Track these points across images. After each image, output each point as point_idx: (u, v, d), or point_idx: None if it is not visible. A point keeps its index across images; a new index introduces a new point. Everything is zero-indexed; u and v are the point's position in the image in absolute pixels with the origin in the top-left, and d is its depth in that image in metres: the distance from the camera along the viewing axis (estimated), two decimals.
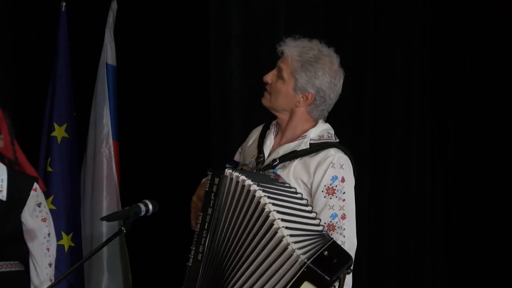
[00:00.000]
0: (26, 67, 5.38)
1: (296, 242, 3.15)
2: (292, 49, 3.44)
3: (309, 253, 3.14)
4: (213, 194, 3.29)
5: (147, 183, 5.11)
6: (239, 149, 3.70)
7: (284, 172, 3.39)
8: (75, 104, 5.16)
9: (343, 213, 3.34)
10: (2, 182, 4.00)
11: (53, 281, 4.10)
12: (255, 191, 3.20)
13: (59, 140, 5.08)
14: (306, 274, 3.13)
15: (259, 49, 4.75)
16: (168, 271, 5.13)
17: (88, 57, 5.28)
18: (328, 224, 3.32)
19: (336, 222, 3.33)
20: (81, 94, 5.24)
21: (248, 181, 3.22)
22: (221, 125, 4.81)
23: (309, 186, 3.37)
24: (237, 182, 3.25)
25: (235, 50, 4.78)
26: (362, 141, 5.11)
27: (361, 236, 3.61)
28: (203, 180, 3.61)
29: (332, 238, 3.24)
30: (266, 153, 3.47)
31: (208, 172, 3.35)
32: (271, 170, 3.41)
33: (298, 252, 3.13)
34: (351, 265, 3.23)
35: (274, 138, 3.50)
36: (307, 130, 3.45)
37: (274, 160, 3.41)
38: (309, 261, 3.12)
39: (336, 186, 3.35)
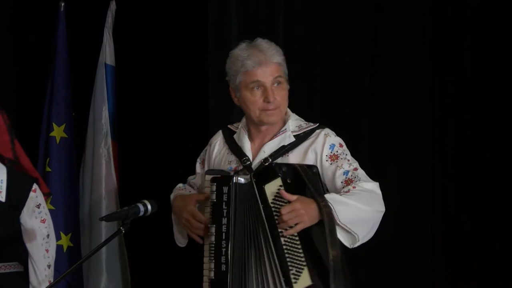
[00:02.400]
0: (25, 67, 5.38)
1: None
2: (276, 55, 3.49)
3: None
4: (224, 203, 3.31)
5: (146, 183, 5.11)
6: (198, 160, 3.70)
7: None
8: (74, 104, 5.16)
9: (354, 167, 3.40)
10: (1, 183, 3.99)
11: (52, 282, 4.09)
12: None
13: (57, 140, 5.08)
14: (258, 181, 3.26)
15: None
16: (166, 271, 5.13)
17: (87, 57, 5.28)
18: (345, 180, 3.36)
19: (351, 175, 3.37)
20: (79, 94, 5.24)
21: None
22: (220, 125, 4.79)
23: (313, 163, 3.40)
24: (250, 184, 3.30)
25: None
26: (362, 141, 5.10)
27: None
28: (175, 193, 3.62)
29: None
30: (249, 155, 3.48)
31: (212, 183, 3.35)
32: None
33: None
34: (314, 166, 3.31)
35: (250, 141, 3.50)
36: (282, 124, 3.49)
37: (266, 159, 3.41)
38: (252, 172, 3.30)
39: (337, 151, 3.41)
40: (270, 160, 3.40)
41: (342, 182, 3.36)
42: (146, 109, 5.25)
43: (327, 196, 3.27)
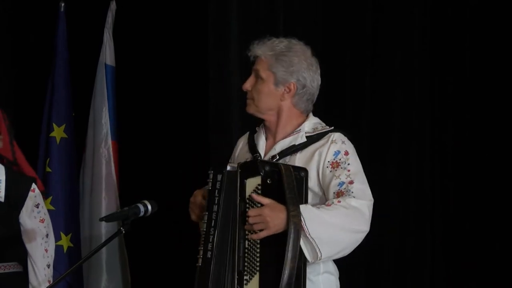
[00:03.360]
0: (25, 67, 5.38)
1: None
2: (263, 48, 3.46)
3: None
4: (216, 191, 3.30)
5: (146, 183, 5.11)
6: (229, 160, 3.69)
7: None
8: (74, 105, 5.16)
9: (350, 180, 3.32)
10: (0, 183, 3.99)
11: (51, 282, 4.09)
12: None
13: (58, 140, 5.08)
14: (242, 173, 3.22)
15: None
16: (167, 271, 5.13)
17: (87, 58, 5.28)
18: (337, 192, 3.31)
19: (344, 188, 3.30)
20: (80, 94, 5.24)
21: None
22: (220, 125, 4.80)
23: (316, 170, 3.37)
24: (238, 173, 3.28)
25: (233, 50, 4.78)
26: (361, 141, 5.10)
27: None
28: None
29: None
30: (261, 152, 3.47)
31: (209, 172, 3.35)
32: None
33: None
34: (303, 170, 3.25)
35: (266, 140, 3.50)
36: (299, 125, 3.46)
37: (274, 156, 3.41)
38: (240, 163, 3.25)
39: (340, 159, 3.36)
40: (278, 157, 3.40)
41: (334, 193, 3.31)
42: (146, 109, 5.25)
43: (302, 206, 3.20)
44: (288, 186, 3.19)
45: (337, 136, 3.41)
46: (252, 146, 3.51)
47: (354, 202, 3.27)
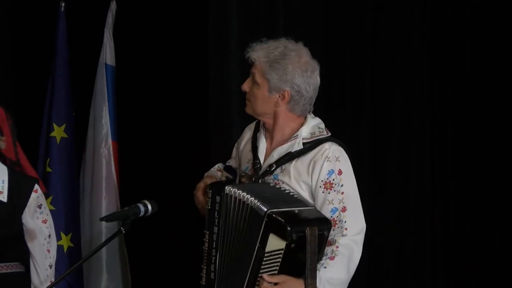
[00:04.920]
0: (25, 67, 5.38)
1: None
2: (259, 52, 3.45)
3: (275, 209, 3.19)
4: (216, 212, 3.31)
5: (146, 183, 5.11)
6: (236, 144, 3.71)
7: (285, 177, 3.39)
8: (74, 104, 5.16)
9: (343, 206, 3.35)
10: (3, 183, 3.99)
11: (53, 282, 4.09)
12: (252, 202, 3.23)
13: (58, 140, 5.08)
14: (268, 224, 3.16)
15: None
16: (167, 271, 5.13)
17: (87, 57, 5.28)
18: (330, 220, 3.32)
19: (337, 216, 3.33)
20: (80, 94, 5.24)
21: (246, 195, 3.25)
22: (220, 125, 4.80)
23: (310, 185, 3.37)
24: (236, 198, 3.27)
25: (233, 50, 4.78)
26: (361, 141, 5.10)
27: None
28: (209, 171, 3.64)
29: (314, 206, 3.29)
30: (261, 158, 3.47)
31: (208, 190, 3.36)
32: (272, 176, 3.41)
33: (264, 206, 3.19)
34: (327, 228, 3.24)
35: (266, 141, 3.51)
36: (296, 129, 3.45)
37: (271, 165, 3.42)
38: (270, 210, 3.16)
39: (333, 180, 3.35)
40: (275, 166, 3.41)
41: None
42: (146, 109, 5.25)
43: (320, 275, 3.25)
44: (310, 255, 3.21)
45: (332, 151, 3.39)
46: (254, 148, 3.51)
47: (349, 243, 3.33)
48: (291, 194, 3.34)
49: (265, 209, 3.18)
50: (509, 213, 5.09)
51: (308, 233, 3.18)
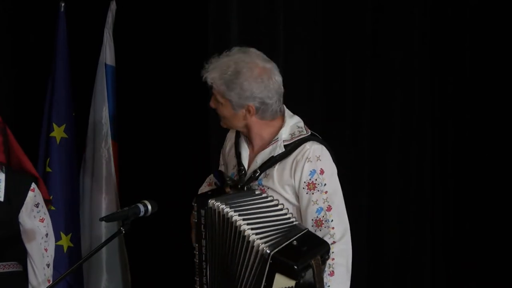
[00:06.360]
0: (25, 67, 5.37)
1: (268, 244, 3.19)
2: (213, 74, 3.49)
3: (277, 248, 3.18)
4: (202, 226, 3.33)
5: (146, 183, 5.11)
6: (221, 150, 3.74)
7: (269, 181, 3.43)
8: (74, 105, 5.15)
9: (328, 205, 3.38)
10: (0, 182, 3.99)
11: (51, 281, 4.09)
12: (236, 221, 3.24)
13: (58, 140, 5.07)
14: (273, 265, 3.15)
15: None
16: (167, 271, 5.13)
17: (87, 57, 5.28)
18: (316, 220, 3.36)
19: (323, 216, 3.36)
20: (80, 94, 5.23)
21: (229, 211, 3.26)
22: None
23: (293, 186, 3.39)
24: (220, 213, 3.28)
25: None
26: (361, 141, 5.10)
27: (360, 236, 3.61)
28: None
29: (306, 228, 3.29)
30: (245, 164, 3.50)
31: (193, 203, 3.37)
32: (256, 182, 3.44)
33: (264, 246, 3.18)
34: (327, 251, 3.25)
35: (248, 147, 3.52)
36: (275, 132, 3.48)
37: (255, 171, 3.44)
38: (273, 251, 3.15)
39: (316, 180, 3.38)
40: (259, 171, 3.42)
41: (312, 220, 3.37)
42: (146, 109, 5.25)
43: None
44: (319, 284, 3.22)
45: (312, 151, 3.41)
46: (238, 155, 3.54)
47: (342, 246, 3.36)
48: (278, 208, 3.35)
49: (268, 251, 3.17)
50: (509, 213, 5.09)
51: (314, 266, 3.19)
